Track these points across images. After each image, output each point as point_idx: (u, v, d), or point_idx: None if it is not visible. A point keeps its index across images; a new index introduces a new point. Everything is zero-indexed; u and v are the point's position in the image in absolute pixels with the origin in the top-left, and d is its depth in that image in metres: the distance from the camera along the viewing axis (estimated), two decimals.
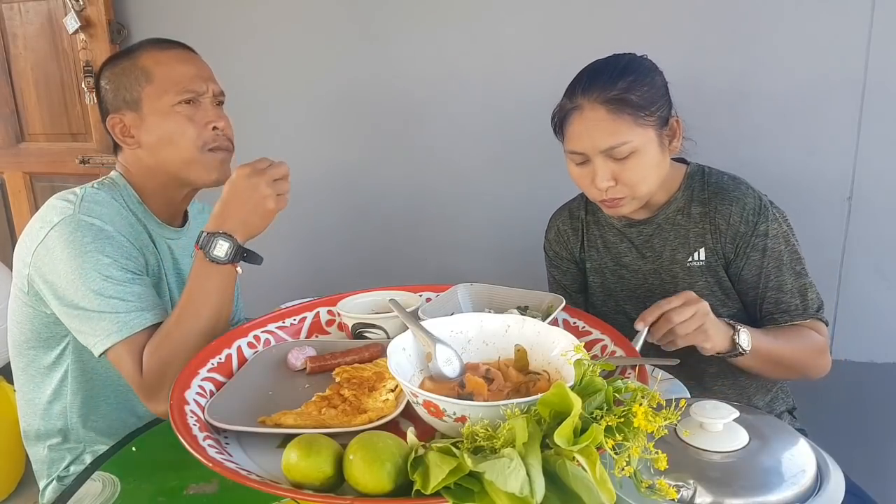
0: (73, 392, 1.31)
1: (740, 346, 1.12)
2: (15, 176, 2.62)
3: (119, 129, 1.28)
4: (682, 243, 1.30)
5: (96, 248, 1.16)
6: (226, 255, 1.13)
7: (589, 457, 0.66)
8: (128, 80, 1.26)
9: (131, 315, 1.14)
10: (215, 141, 1.28)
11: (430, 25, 1.98)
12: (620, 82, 1.16)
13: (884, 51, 1.59)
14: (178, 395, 0.93)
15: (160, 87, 1.25)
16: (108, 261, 1.16)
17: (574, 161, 1.23)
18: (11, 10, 2.42)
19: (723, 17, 1.70)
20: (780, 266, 1.23)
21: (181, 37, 1.34)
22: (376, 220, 2.19)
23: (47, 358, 1.30)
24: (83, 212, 1.19)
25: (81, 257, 1.15)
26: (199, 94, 1.27)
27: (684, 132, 1.26)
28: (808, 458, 0.83)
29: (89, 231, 1.17)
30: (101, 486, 0.97)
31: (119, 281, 1.16)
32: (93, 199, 1.23)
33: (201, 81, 1.27)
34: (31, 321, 1.27)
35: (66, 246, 1.15)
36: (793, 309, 1.23)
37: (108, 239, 1.18)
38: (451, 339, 0.96)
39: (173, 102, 1.25)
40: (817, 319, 1.25)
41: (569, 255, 1.46)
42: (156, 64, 1.26)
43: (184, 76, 1.26)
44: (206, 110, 1.28)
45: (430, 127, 2.05)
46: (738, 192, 1.26)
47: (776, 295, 1.24)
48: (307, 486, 0.75)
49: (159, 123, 1.26)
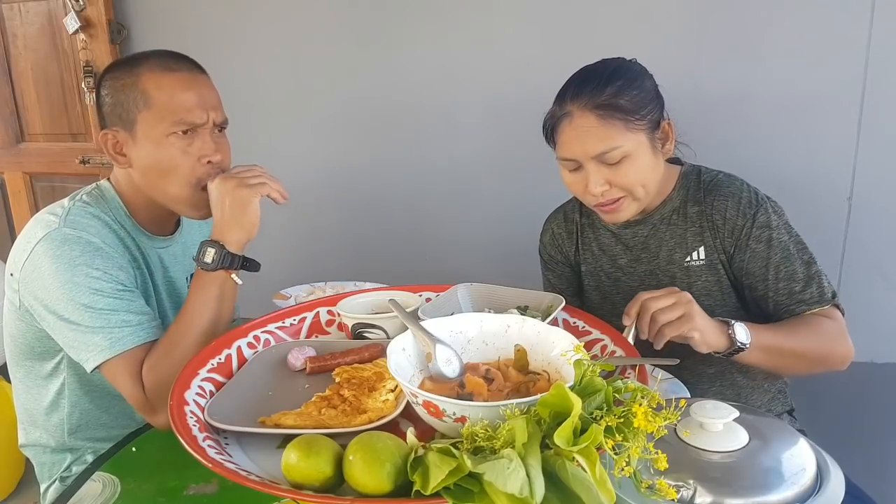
0: (72, 404, 1.30)
1: (738, 342, 1.10)
2: (15, 176, 2.63)
3: (112, 146, 1.23)
4: (679, 243, 1.30)
5: (85, 262, 1.14)
6: (212, 260, 1.14)
7: (589, 457, 0.66)
8: (126, 98, 1.20)
9: (124, 331, 1.13)
10: (209, 175, 1.21)
11: (430, 27, 1.98)
12: (609, 88, 1.16)
13: (884, 51, 1.59)
14: (178, 395, 0.93)
15: (157, 115, 1.18)
16: (97, 273, 1.14)
17: (567, 168, 1.24)
18: (11, 10, 2.42)
19: (723, 19, 1.70)
20: (787, 256, 1.22)
21: (180, 37, 1.33)
22: (377, 221, 2.19)
23: (43, 369, 1.29)
24: (68, 225, 1.16)
25: (70, 271, 1.12)
26: (198, 126, 1.20)
27: (679, 135, 1.26)
28: (808, 458, 0.83)
29: (77, 244, 1.15)
30: (101, 486, 0.97)
31: (110, 294, 1.14)
32: (79, 212, 1.20)
33: (201, 111, 1.20)
34: (24, 335, 1.25)
35: (53, 260, 1.13)
36: (808, 298, 1.21)
37: (96, 251, 1.16)
38: (450, 340, 0.96)
39: (168, 132, 1.18)
40: (834, 306, 1.22)
41: (564, 258, 1.46)
42: (156, 88, 1.19)
43: (183, 105, 1.19)
44: (204, 141, 1.21)
45: (430, 128, 2.05)
46: (732, 187, 1.26)
47: (789, 285, 1.22)
48: (307, 486, 0.75)
49: (152, 151, 1.20)
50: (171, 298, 1.37)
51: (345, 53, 2.09)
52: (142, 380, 1.12)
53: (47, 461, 1.35)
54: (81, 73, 2.34)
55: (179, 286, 1.38)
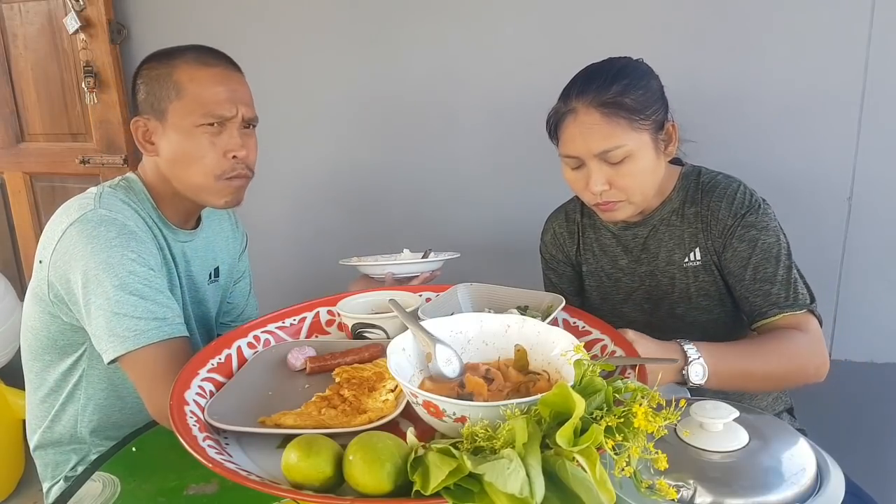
0: (87, 398, 1.29)
1: (690, 381, 1.03)
2: (15, 176, 2.62)
3: (141, 133, 1.26)
4: (678, 244, 1.30)
5: (121, 244, 1.13)
6: None
7: (589, 457, 0.66)
8: (160, 88, 1.22)
9: (150, 324, 1.11)
10: (234, 170, 1.25)
11: (432, 27, 1.98)
12: (615, 86, 1.16)
13: (884, 51, 1.59)
14: (178, 395, 0.93)
15: (187, 106, 1.21)
16: (133, 255, 1.13)
17: (569, 165, 1.23)
18: (11, 10, 2.42)
19: (723, 19, 1.70)
20: (768, 258, 1.19)
21: (181, 37, 1.33)
22: (377, 221, 2.19)
23: (62, 365, 1.28)
24: (104, 207, 1.17)
25: (107, 251, 1.12)
26: (227, 119, 1.23)
27: (682, 136, 1.25)
28: (808, 458, 0.83)
29: (113, 225, 1.15)
30: (101, 486, 0.97)
31: (142, 278, 1.13)
32: (111, 197, 1.22)
33: (231, 105, 1.23)
34: (48, 328, 1.25)
35: (89, 240, 1.12)
36: (782, 301, 1.17)
37: (131, 234, 1.16)
38: (450, 340, 0.96)
39: (197, 123, 1.21)
40: (809, 312, 1.18)
41: (565, 258, 1.46)
42: (190, 80, 1.21)
43: (213, 99, 1.21)
44: (231, 136, 1.24)
45: (431, 127, 2.05)
46: (729, 188, 1.25)
47: (766, 287, 1.19)
48: (307, 486, 0.75)
49: (180, 141, 1.22)
50: (191, 294, 1.37)
51: (345, 53, 2.08)
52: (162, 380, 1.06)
53: (52, 461, 1.35)
54: (81, 73, 2.33)
55: (199, 283, 1.39)
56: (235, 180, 1.26)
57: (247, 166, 1.27)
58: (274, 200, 2.26)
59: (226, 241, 1.49)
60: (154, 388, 1.09)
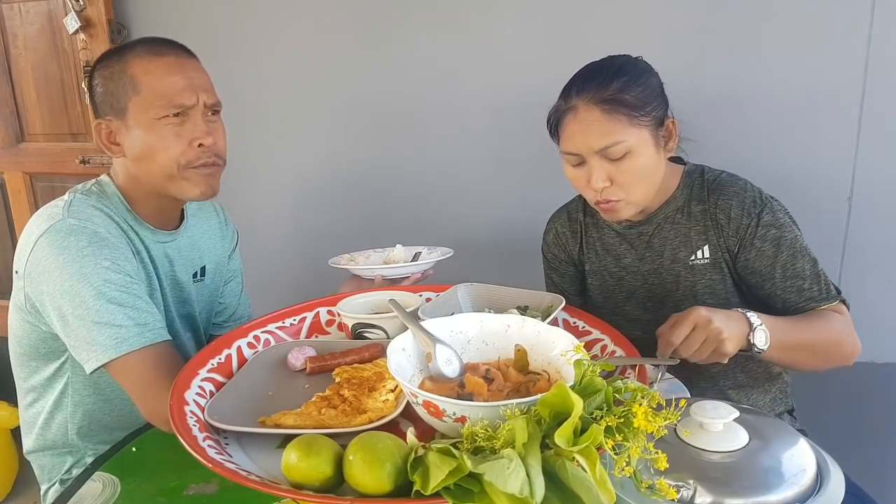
0: (75, 404, 1.29)
1: (756, 347, 1.09)
2: (15, 176, 2.62)
3: (105, 136, 1.22)
4: (684, 242, 1.30)
5: (93, 252, 1.11)
6: None
7: (589, 457, 0.66)
8: (116, 86, 1.19)
9: (131, 330, 1.09)
10: (199, 159, 1.21)
11: (432, 27, 1.98)
12: (615, 83, 1.17)
13: (884, 51, 1.59)
14: (178, 395, 0.93)
15: (146, 100, 1.18)
16: (107, 264, 1.11)
17: (570, 162, 1.24)
18: (11, 10, 2.42)
19: (723, 19, 1.70)
20: (794, 254, 1.23)
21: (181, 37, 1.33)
22: (376, 221, 2.19)
23: (47, 371, 1.27)
24: (73, 216, 1.15)
25: (79, 262, 1.09)
26: (188, 108, 1.19)
27: (681, 133, 1.25)
28: (808, 458, 0.83)
29: (83, 234, 1.12)
30: (101, 486, 0.97)
31: (119, 286, 1.11)
32: (81, 204, 1.19)
33: (191, 93, 1.19)
34: (30, 336, 1.24)
35: (59, 252, 1.10)
36: (817, 295, 1.23)
37: (103, 242, 1.13)
38: (450, 340, 0.96)
39: (158, 116, 1.17)
40: (841, 302, 1.24)
41: (567, 257, 1.46)
42: (144, 73, 1.18)
43: (171, 88, 1.18)
44: (196, 124, 1.20)
45: (431, 127, 2.05)
46: (736, 186, 1.26)
47: (798, 283, 1.23)
48: (307, 486, 0.75)
49: (143, 136, 1.19)
50: (174, 294, 1.34)
51: (345, 53, 2.08)
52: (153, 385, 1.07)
53: (47, 464, 1.35)
54: (82, 74, 2.33)
55: (183, 283, 1.36)
56: (203, 169, 1.22)
57: (215, 154, 1.23)
58: (272, 200, 2.26)
59: (212, 240, 1.46)
60: (146, 393, 1.09)
